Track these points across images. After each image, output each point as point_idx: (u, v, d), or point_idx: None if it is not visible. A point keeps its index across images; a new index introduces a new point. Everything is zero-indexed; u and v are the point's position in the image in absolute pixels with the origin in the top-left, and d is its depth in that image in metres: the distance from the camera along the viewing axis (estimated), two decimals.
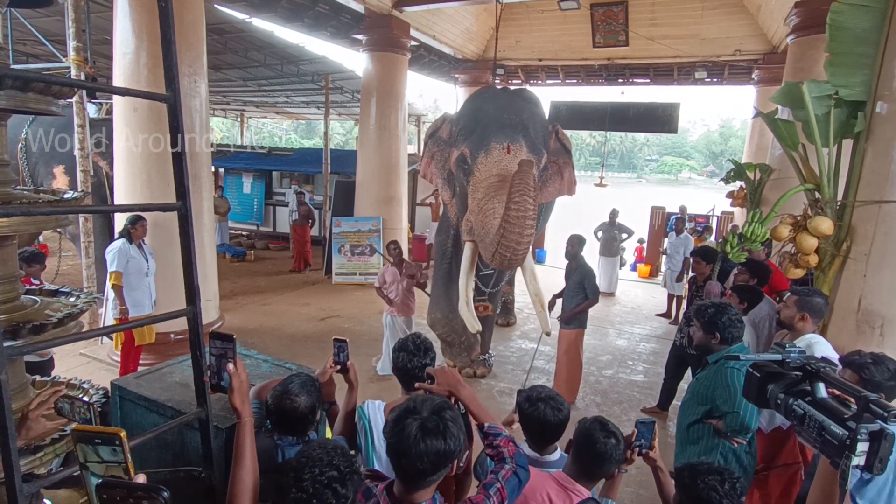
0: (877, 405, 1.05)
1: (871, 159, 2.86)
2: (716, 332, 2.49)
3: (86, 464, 0.93)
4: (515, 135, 4.23)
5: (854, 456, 1.02)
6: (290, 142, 39.98)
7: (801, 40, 6.79)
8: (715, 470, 1.55)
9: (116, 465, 0.92)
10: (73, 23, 5.24)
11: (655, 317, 8.31)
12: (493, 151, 4.19)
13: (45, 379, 1.85)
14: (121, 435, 0.91)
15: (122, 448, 0.91)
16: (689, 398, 2.66)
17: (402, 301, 5.25)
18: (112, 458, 0.91)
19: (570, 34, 11.13)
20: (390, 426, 1.35)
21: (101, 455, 0.92)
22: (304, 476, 1.28)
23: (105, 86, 1.74)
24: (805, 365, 1.25)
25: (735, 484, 1.52)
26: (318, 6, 8.65)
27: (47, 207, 1.36)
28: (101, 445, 0.91)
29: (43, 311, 1.56)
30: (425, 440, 1.29)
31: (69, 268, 9.19)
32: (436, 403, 1.38)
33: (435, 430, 1.31)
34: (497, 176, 4.12)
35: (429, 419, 1.33)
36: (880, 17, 2.80)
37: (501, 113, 4.43)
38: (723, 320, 2.47)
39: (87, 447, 0.92)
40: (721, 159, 54.07)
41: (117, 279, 4.47)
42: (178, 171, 1.42)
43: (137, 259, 4.59)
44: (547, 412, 1.86)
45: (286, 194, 13.10)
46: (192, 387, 2.32)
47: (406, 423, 1.32)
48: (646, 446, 1.81)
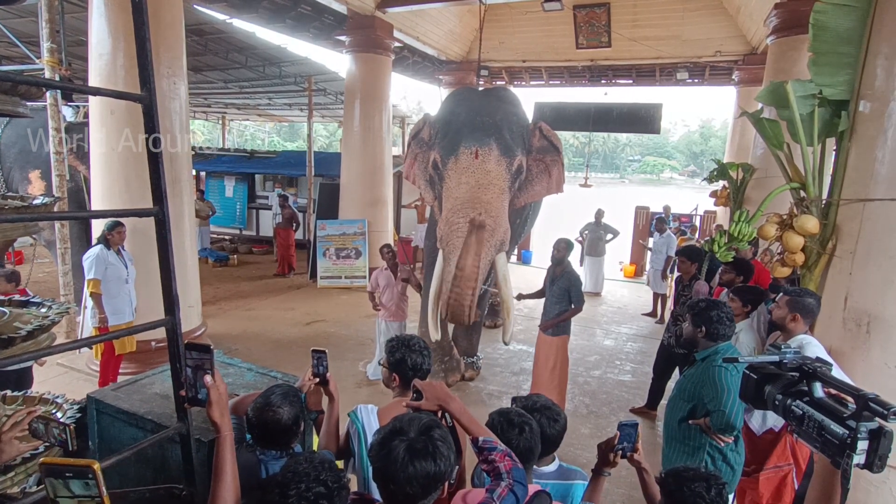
0: (876, 403, 1.05)
1: (855, 158, 2.88)
2: (702, 326, 2.50)
3: (55, 499, 0.86)
4: (486, 138, 4.17)
5: (855, 454, 1.02)
6: (273, 144, 39.58)
7: (781, 41, 6.89)
8: (701, 476, 1.54)
9: (89, 499, 0.85)
10: (46, 23, 5.09)
11: (641, 316, 8.36)
12: (462, 157, 4.15)
13: (17, 394, 1.76)
14: (94, 468, 0.83)
15: (95, 482, 0.83)
16: (677, 394, 2.66)
17: (397, 306, 5.17)
18: (84, 492, 0.84)
19: (553, 35, 11.18)
20: (376, 449, 1.28)
21: (73, 489, 0.84)
22: (290, 492, 1.21)
23: (77, 85, 1.67)
24: (802, 365, 1.25)
25: (721, 490, 1.50)
26: (300, 7, 8.56)
27: (13, 214, 1.29)
28: (72, 479, 0.84)
29: (12, 323, 1.48)
30: (414, 463, 1.22)
31: (45, 275, 8.96)
32: (423, 423, 1.31)
33: (424, 452, 1.24)
34: (466, 184, 4.08)
35: (416, 440, 1.26)
36: (863, 17, 2.83)
37: (474, 115, 4.36)
38: (711, 315, 2.48)
39: (56, 481, 0.84)
40: (702, 159, 54.93)
41: (95, 287, 4.34)
42: (154, 175, 1.36)
43: (116, 266, 4.46)
44: (543, 423, 1.80)
45: (269, 197, 12.95)
46: (173, 398, 2.25)
47: (392, 446, 1.24)
48: (629, 448, 1.77)
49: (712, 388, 2.39)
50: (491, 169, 4.13)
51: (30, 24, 7.22)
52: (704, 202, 10.57)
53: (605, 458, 1.76)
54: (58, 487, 0.85)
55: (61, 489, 0.85)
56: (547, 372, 4.67)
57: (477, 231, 3.69)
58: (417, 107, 42.47)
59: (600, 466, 1.79)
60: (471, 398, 5.11)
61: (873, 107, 2.76)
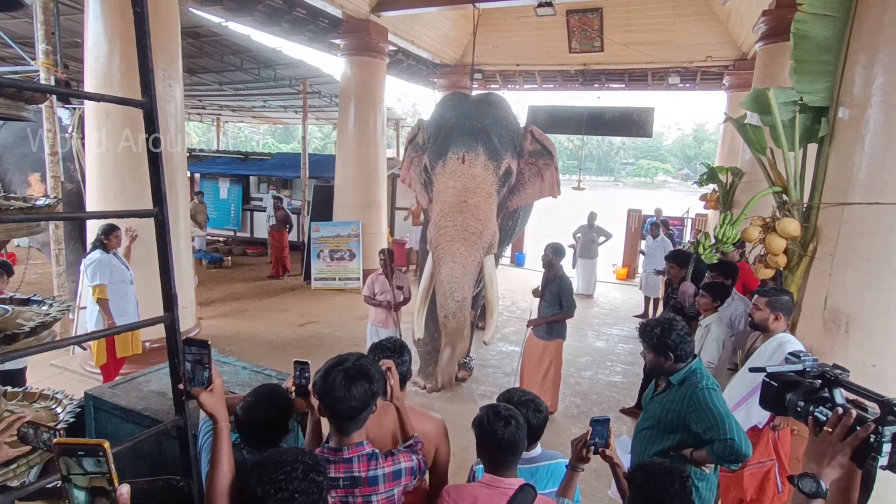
0: None
1: (835, 163, 2.97)
2: (668, 353, 2.28)
3: (69, 476, 0.93)
4: (474, 143, 4.22)
5: (880, 457, 1.05)
6: (268, 146, 39.55)
7: (769, 47, 7.01)
8: (665, 470, 1.61)
9: (100, 476, 0.92)
10: (42, 25, 5.12)
11: (633, 318, 8.45)
12: (449, 162, 4.22)
13: (17, 390, 1.81)
14: (104, 446, 0.90)
15: (105, 459, 0.91)
16: (652, 426, 2.39)
17: (387, 313, 5.03)
18: (96, 469, 0.91)
19: (546, 40, 11.28)
20: (321, 379, 1.59)
21: (85, 467, 0.91)
22: (279, 476, 1.28)
23: (80, 91, 1.71)
24: (823, 373, 1.28)
25: (685, 483, 1.58)
26: (296, 10, 8.61)
27: (19, 214, 1.34)
28: (84, 457, 0.91)
29: (14, 320, 1.53)
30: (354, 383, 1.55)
31: (38, 276, 8.95)
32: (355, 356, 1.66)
33: (359, 374, 1.58)
34: (453, 188, 4.15)
35: (352, 367, 1.59)
36: (842, 27, 2.92)
37: (462, 120, 4.42)
38: (672, 339, 2.26)
39: (69, 460, 0.92)
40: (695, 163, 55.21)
41: (102, 292, 4.27)
42: (154, 177, 1.41)
43: (119, 268, 4.44)
44: (528, 416, 1.88)
45: (264, 199, 12.97)
46: (169, 395, 2.30)
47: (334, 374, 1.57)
48: (601, 444, 1.83)
49: (705, 415, 2.14)
50: (478, 173, 4.19)
51: (23, 25, 7.24)
52: (697, 205, 10.69)
53: (579, 454, 1.83)
54: (71, 465, 0.92)
55: (74, 467, 0.92)
56: (539, 374, 4.71)
57: (463, 240, 3.81)
58: (412, 109, 42.53)
59: (574, 462, 1.86)
60: (463, 398, 5.17)
61: (851, 113, 2.86)
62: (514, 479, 1.72)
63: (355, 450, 1.62)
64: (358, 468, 1.61)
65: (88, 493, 0.93)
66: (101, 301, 4.27)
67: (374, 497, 1.63)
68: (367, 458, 1.63)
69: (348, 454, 1.62)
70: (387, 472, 1.64)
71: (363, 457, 1.62)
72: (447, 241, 4.01)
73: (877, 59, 2.71)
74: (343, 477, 1.61)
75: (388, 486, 1.64)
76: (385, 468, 1.64)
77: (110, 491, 0.92)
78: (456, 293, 3.97)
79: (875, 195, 2.66)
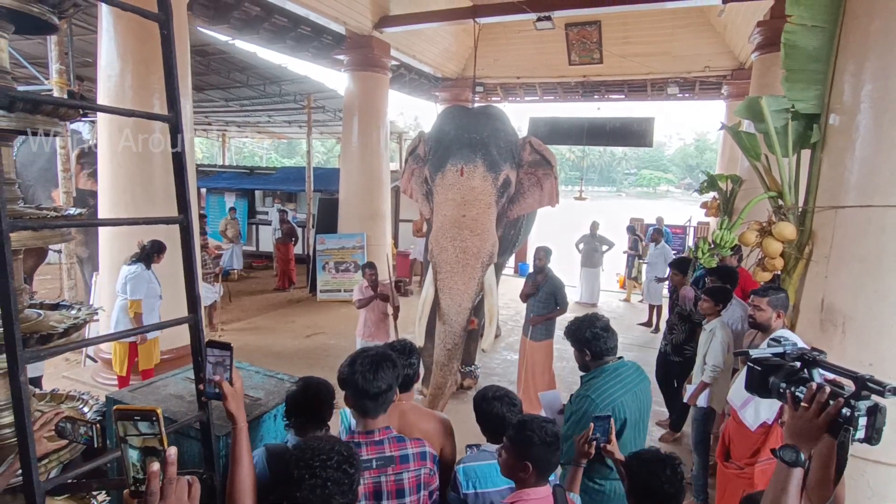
0: (872, 382, 1.17)
1: (827, 168, 3.06)
2: (585, 349, 2.34)
3: (125, 437, 1.06)
4: (472, 155, 4.32)
5: (855, 431, 1.14)
6: (271, 160, 39.86)
7: (765, 57, 7.14)
8: (658, 458, 1.69)
9: (153, 437, 1.05)
10: (55, 45, 5.29)
11: (637, 326, 8.49)
12: (448, 174, 4.32)
13: (45, 392, 1.90)
14: (157, 411, 1.04)
15: (158, 423, 1.04)
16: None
17: (376, 326, 5.02)
18: (149, 431, 1.05)
19: (546, 52, 11.46)
20: (347, 367, 1.76)
21: (140, 429, 1.05)
22: (315, 463, 1.37)
23: (113, 107, 1.80)
24: (803, 355, 1.37)
25: (676, 468, 1.66)
26: (300, 28, 8.81)
27: (60, 220, 1.44)
28: (139, 421, 1.05)
29: (47, 322, 1.62)
30: (379, 367, 1.73)
31: (47, 291, 9.06)
32: (378, 348, 1.87)
33: (383, 361, 1.76)
34: (452, 200, 4.25)
35: (376, 355, 1.77)
36: (830, 37, 3.02)
37: (461, 133, 4.52)
38: (585, 335, 2.32)
39: (126, 423, 1.06)
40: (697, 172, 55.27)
41: (139, 307, 4.37)
42: (179, 186, 1.51)
43: (154, 285, 4.55)
44: (503, 410, 1.98)
45: (269, 213, 13.10)
46: (187, 399, 2.38)
47: (358, 361, 1.75)
48: (602, 440, 1.91)
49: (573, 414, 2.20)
50: (476, 185, 4.29)
51: (37, 46, 7.44)
52: (698, 214, 10.76)
53: (582, 450, 1.90)
54: (127, 428, 1.06)
55: (130, 429, 1.06)
56: (536, 376, 4.81)
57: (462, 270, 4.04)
58: (414, 122, 42.89)
59: (577, 458, 1.93)
60: (467, 405, 5.20)
61: (842, 120, 2.95)
62: (541, 488, 1.72)
63: (385, 432, 1.77)
64: (389, 448, 1.75)
65: (141, 452, 1.06)
66: (137, 316, 4.38)
67: (406, 475, 1.76)
68: (397, 439, 1.78)
69: (379, 436, 1.75)
70: (415, 451, 1.79)
71: (392, 439, 1.77)
72: (447, 273, 4.14)
73: (865, 67, 2.81)
74: (376, 458, 1.73)
75: (416, 465, 1.78)
76: (414, 448, 1.79)
77: (160, 451, 1.04)
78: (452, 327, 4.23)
79: (867, 198, 2.74)
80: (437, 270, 4.24)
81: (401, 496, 1.76)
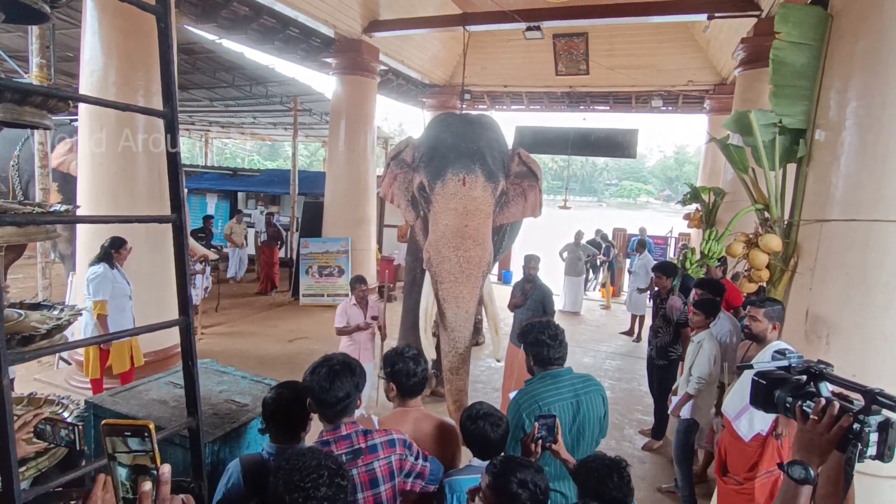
0: (883, 396, 1.12)
1: (812, 182, 3.12)
2: (529, 354, 2.31)
3: (114, 454, 0.97)
4: (472, 164, 4.31)
5: (867, 448, 1.10)
6: (254, 163, 39.41)
7: (748, 73, 7.30)
8: (605, 464, 1.69)
9: (143, 454, 0.96)
10: (37, 39, 5.15)
11: (619, 335, 8.55)
12: (449, 183, 4.30)
13: (22, 395, 1.81)
14: (150, 427, 0.96)
15: (150, 439, 0.95)
16: None
17: (363, 346, 4.72)
18: (140, 447, 0.96)
19: (534, 62, 11.58)
20: (308, 375, 1.82)
21: (130, 446, 0.96)
22: (307, 484, 1.33)
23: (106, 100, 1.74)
24: (808, 368, 1.31)
25: (623, 473, 1.66)
26: (289, 29, 8.75)
27: (48, 217, 1.38)
28: (130, 437, 0.96)
29: (29, 323, 1.55)
30: (338, 376, 1.78)
31: (20, 290, 8.79)
32: (339, 355, 1.90)
33: (343, 371, 1.80)
34: (454, 210, 4.25)
35: (336, 363, 1.82)
36: (817, 54, 3.10)
37: (459, 141, 4.50)
38: (529, 340, 2.27)
39: (115, 439, 0.97)
40: (676, 184, 56.29)
41: (102, 308, 4.17)
42: (173, 184, 1.46)
43: (121, 284, 4.34)
44: (487, 428, 1.95)
45: (252, 215, 12.93)
46: (171, 404, 2.32)
47: (321, 368, 1.81)
48: (549, 440, 1.89)
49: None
50: (477, 195, 4.28)
51: (17, 39, 7.26)
52: (679, 225, 10.93)
53: (528, 450, 1.89)
54: (117, 444, 0.96)
55: (120, 445, 0.96)
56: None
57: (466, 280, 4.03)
58: (399, 128, 42.96)
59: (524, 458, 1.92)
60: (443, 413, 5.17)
61: (827, 136, 3.02)
62: None
63: (352, 426, 1.83)
64: (357, 441, 1.81)
65: (131, 471, 0.97)
66: (101, 317, 4.18)
67: (376, 463, 1.80)
68: (363, 432, 1.84)
69: (346, 431, 1.80)
70: (382, 440, 1.84)
71: (359, 431, 1.83)
72: (451, 283, 4.11)
73: (850, 85, 2.89)
74: (345, 452, 1.75)
75: (385, 453, 1.82)
76: (380, 437, 1.84)
77: (152, 469, 0.96)
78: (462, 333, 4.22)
79: (851, 212, 2.80)
80: (438, 280, 4.19)
81: (375, 486, 1.80)
